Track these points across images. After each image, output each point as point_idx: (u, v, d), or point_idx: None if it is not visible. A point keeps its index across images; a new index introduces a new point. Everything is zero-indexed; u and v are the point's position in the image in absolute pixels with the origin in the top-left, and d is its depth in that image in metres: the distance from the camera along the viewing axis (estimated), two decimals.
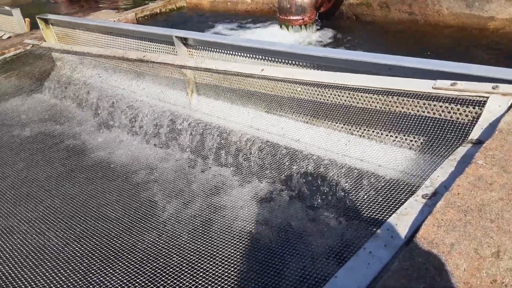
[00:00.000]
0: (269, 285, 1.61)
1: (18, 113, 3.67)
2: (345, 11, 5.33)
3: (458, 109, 1.82)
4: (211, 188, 2.35)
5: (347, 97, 2.22)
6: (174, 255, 1.88)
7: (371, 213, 1.68)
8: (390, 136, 2.15)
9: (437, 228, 1.05)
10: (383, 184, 1.89)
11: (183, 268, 1.79)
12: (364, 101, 2.15)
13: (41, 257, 1.98)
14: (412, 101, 1.96)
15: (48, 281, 1.82)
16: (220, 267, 1.75)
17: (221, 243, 1.90)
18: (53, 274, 1.85)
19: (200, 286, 1.66)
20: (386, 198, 1.69)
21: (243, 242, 1.88)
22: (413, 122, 1.98)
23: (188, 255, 1.86)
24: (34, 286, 1.80)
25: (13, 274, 1.88)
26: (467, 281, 0.91)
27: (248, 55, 2.74)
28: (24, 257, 1.99)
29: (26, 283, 1.82)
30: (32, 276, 1.85)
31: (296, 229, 1.93)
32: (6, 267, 1.93)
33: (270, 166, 2.36)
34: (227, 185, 2.35)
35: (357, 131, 2.28)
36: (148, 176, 2.58)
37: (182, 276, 1.74)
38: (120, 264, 1.87)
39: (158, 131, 3.02)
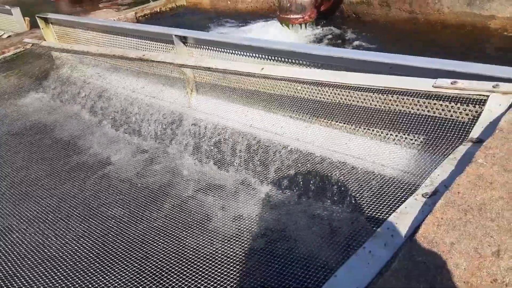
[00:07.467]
0: (269, 284, 1.60)
1: (17, 112, 3.67)
2: (346, 10, 5.32)
3: (459, 108, 1.82)
4: (210, 186, 2.35)
5: (347, 96, 2.21)
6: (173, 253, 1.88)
7: (371, 212, 1.68)
8: (390, 134, 2.14)
9: (437, 227, 1.05)
10: (383, 183, 1.88)
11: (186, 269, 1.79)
12: (365, 100, 2.15)
13: (41, 256, 1.98)
14: (412, 99, 1.95)
15: (47, 280, 1.81)
16: (220, 266, 1.75)
17: (217, 241, 1.90)
18: (52, 274, 1.86)
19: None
20: (386, 197, 1.69)
21: (240, 241, 1.88)
22: (413, 121, 1.98)
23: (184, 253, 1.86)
24: (33, 285, 1.80)
25: (11, 273, 1.87)
26: (467, 281, 0.91)
27: (248, 53, 2.73)
28: (23, 255, 1.99)
29: (25, 282, 1.82)
30: (31, 275, 1.85)
31: (295, 228, 1.92)
32: (7, 266, 1.93)
33: (270, 165, 2.35)
34: (228, 183, 2.35)
35: (357, 130, 2.27)
36: (147, 173, 2.58)
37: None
38: (121, 262, 1.87)
39: (155, 130, 3.01)
